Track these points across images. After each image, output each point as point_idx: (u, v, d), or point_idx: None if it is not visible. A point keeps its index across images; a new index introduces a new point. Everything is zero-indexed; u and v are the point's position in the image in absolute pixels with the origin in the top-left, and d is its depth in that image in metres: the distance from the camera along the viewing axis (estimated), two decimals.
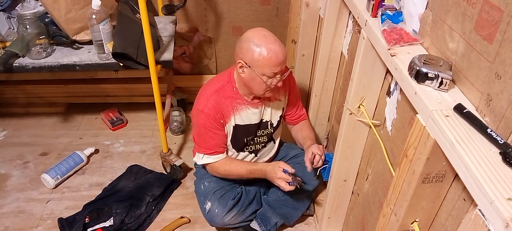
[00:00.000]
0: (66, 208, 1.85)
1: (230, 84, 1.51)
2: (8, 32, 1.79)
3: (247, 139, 1.60)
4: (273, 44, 1.35)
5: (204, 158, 1.56)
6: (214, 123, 1.50)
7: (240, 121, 1.54)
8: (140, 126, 2.34)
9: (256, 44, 1.34)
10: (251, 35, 1.37)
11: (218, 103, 1.49)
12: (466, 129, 0.74)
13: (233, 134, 1.56)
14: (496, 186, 0.62)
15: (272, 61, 1.35)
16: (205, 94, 1.50)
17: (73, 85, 2.30)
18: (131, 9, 1.82)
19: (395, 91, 1.14)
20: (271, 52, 1.34)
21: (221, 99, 1.49)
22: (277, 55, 1.35)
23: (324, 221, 1.64)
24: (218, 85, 1.51)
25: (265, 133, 1.63)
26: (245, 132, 1.57)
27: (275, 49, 1.35)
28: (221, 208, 1.60)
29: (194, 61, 2.46)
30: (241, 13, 2.31)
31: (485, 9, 0.74)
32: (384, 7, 1.11)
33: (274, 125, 1.63)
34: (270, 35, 1.38)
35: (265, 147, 1.67)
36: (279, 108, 1.63)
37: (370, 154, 1.36)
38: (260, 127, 1.59)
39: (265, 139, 1.64)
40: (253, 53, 1.35)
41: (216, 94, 1.49)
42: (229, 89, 1.51)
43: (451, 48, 0.87)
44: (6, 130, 2.28)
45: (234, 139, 1.58)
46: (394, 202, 0.95)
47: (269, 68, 1.36)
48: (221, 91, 1.50)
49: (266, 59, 1.34)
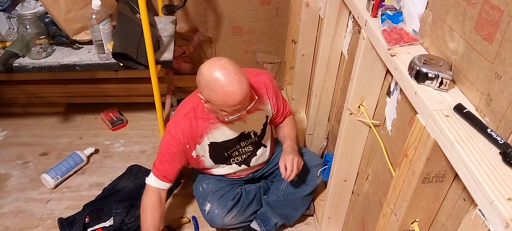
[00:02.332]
0: (66, 208, 1.85)
1: (201, 105, 1.45)
2: (8, 32, 1.79)
3: (228, 152, 1.58)
4: (229, 85, 1.24)
5: (151, 177, 1.50)
6: (177, 147, 1.46)
7: (215, 139, 1.51)
8: (140, 126, 2.34)
9: (212, 84, 1.25)
10: (208, 72, 1.27)
11: (188, 127, 1.45)
12: (466, 129, 0.74)
13: (210, 151, 1.54)
14: (496, 186, 0.62)
15: (230, 102, 1.27)
16: (177, 117, 1.46)
17: (73, 85, 2.30)
18: (131, 9, 1.82)
19: (395, 91, 1.14)
20: (227, 95, 1.25)
21: (193, 122, 1.45)
22: (233, 97, 1.25)
23: (324, 221, 1.64)
24: (189, 107, 1.46)
25: (249, 142, 1.59)
26: (223, 147, 1.55)
27: (231, 91, 1.24)
28: (221, 208, 1.60)
29: (194, 61, 2.46)
30: (241, 13, 2.31)
31: (485, 9, 0.74)
32: (384, 7, 1.11)
33: (258, 133, 1.59)
34: (229, 72, 1.25)
35: (255, 155, 1.65)
36: (262, 117, 1.57)
37: (370, 154, 1.36)
38: (241, 139, 1.56)
39: (251, 148, 1.61)
40: (209, 93, 1.28)
41: (187, 118, 1.45)
42: (201, 110, 1.46)
43: (451, 48, 0.87)
44: (6, 130, 2.28)
45: (212, 154, 1.55)
46: (394, 202, 0.95)
47: (228, 108, 1.29)
48: (192, 112, 1.46)
49: (223, 101, 1.26)
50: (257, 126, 1.58)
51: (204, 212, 1.63)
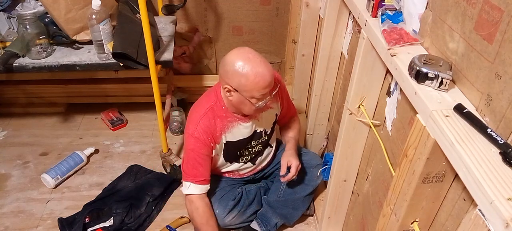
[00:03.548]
0: (66, 208, 1.85)
1: (218, 104, 1.46)
2: (8, 32, 1.79)
3: (240, 151, 1.59)
4: (259, 66, 1.29)
5: (190, 186, 1.48)
6: (204, 147, 1.45)
7: (232, 138, 1.52)
8: (140, 126, 2.34)
9: (242, 68, 1.29)
10: (235, 58, 1.30)
11: (208, 126, 1.44)
12: (466, 129, 0.74)
13: (225, 150, 1.54)
14: (496, 186, 0.62)
15: (260, 84, 1.30)
16: (195, 118, 1.46)
17: (73, 85, 2.30)
18: (131, 9, 1.82)
19: (395, 91, 1.14)
20: (259, 76, 1.29)
21: (211, 121, 1.45)
22: (264, 78, 1.30)
23: (324, 221, 1.64)
24: (206, 107, 1.46)
25: (260, 141, 1.61)
26: (238, 146, 1.56)
27: (262, 72, 1.29)
28: (222, 209, 1.60)
29: (194, 61, 2.46)
30: (241, 13, 2.31)
31: (485, 9, 0.74)
32: (384, 7, 1.11)
33: (268, 132, 1.61)
34: (255, 56, 1.32)
35: (262, 155, 1.66)
36: (272, 115, 1.60)
37: (370, 154, 1.36)
38: (253, 138, 1.57)
39: (261, 147, 1.63)
40: (239, 78, 1.29)
41: (206, 117, 1.44)
42: (219, 109, 1.46)
43: (451, 48, 0.87)
44: (6, 130, 2.28)
45: (226, 153, 1.56)
46: (394, 202, 0.95)
47: (258, 92, 1.31)
48: (210, 112, 1.45)
49: (254, 83, 1.29)
50: (268, 125, 1.60)
51: None
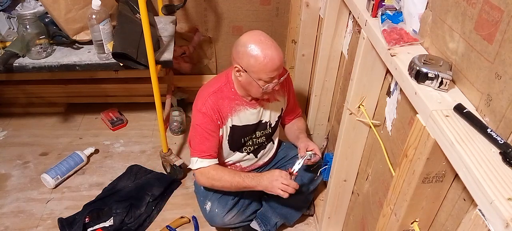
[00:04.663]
0: (66, 208, 1.85)
1: (228, 85, 1.50)
2: (8, 32, 1.79)
3: (245, 139, 1.60)
4: (269, 49, 1.33)
5: (197, 161, 1.51)
6: (211, 123, 1.48)
7: (238, 122, 1.54)
8: (140, 126, 2.34)
9: (252, 49, 1.32)
10: (247, 40, 1.35)
11: (216, 104, 1.48)
12: (466, 129, 0.74)
13: (230, 134, 1.55)
14: (496, 186, 0.62)
15: (268, 67, 1.33)
16: (204, 95, 1.49)
17: (73, 85, 2.30)
18: (131, 9, 1.82)
19: (395, 91, 1.14)
20: (267, 58, 1.32)
21: (220, 100, 1.48)
22: (273, 61, 1.33)
23: (324, 221, 1.64)
24: (216, 86, 1.50)
25: (264, 133, 1.62)
26: (243, 132, 1.57)
27: (271, 55, 1.33)
28: (221, 208, 1.60)
29: (194, 61, 2.46)
30: (241, 13, 2.31)
31: (485, 9, 0.74)
32: (384, 7, 1.11)
33: (272, 125, 1.63)
34: (267, 39, 1.36)
35: (264, 148, 1.67)
36: (278, 109, 1.62)
37: (370, 154, 1.36)
38: (258, 127, 1.59)
39: (264, 139, 1.64)
40: (249, 58, 1.33)
41: (215, 95, 1.48)
42: (228, 90, 1.50)
43: (451, 48, 0.87)
44: (6, 130, 2.28)
45: (231, 139, 1.57)
46: (394, 202, 0.95)
47: (266, 74, 1.35)
48: (219, 92, 1.49)
49: (262, 65, 1.32)
50: (273, 117, 1.61)
51: (205, 211, 1.64)
